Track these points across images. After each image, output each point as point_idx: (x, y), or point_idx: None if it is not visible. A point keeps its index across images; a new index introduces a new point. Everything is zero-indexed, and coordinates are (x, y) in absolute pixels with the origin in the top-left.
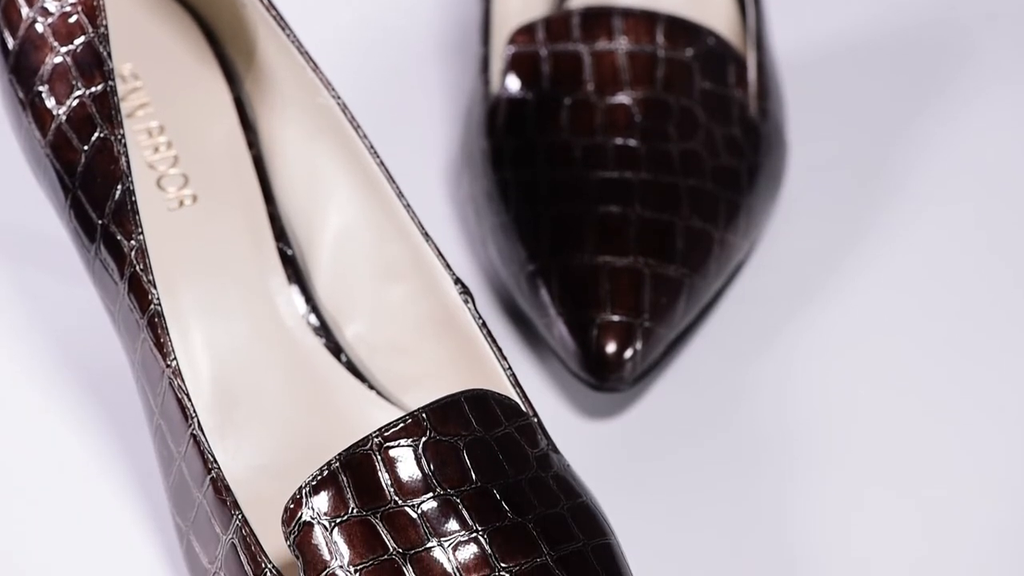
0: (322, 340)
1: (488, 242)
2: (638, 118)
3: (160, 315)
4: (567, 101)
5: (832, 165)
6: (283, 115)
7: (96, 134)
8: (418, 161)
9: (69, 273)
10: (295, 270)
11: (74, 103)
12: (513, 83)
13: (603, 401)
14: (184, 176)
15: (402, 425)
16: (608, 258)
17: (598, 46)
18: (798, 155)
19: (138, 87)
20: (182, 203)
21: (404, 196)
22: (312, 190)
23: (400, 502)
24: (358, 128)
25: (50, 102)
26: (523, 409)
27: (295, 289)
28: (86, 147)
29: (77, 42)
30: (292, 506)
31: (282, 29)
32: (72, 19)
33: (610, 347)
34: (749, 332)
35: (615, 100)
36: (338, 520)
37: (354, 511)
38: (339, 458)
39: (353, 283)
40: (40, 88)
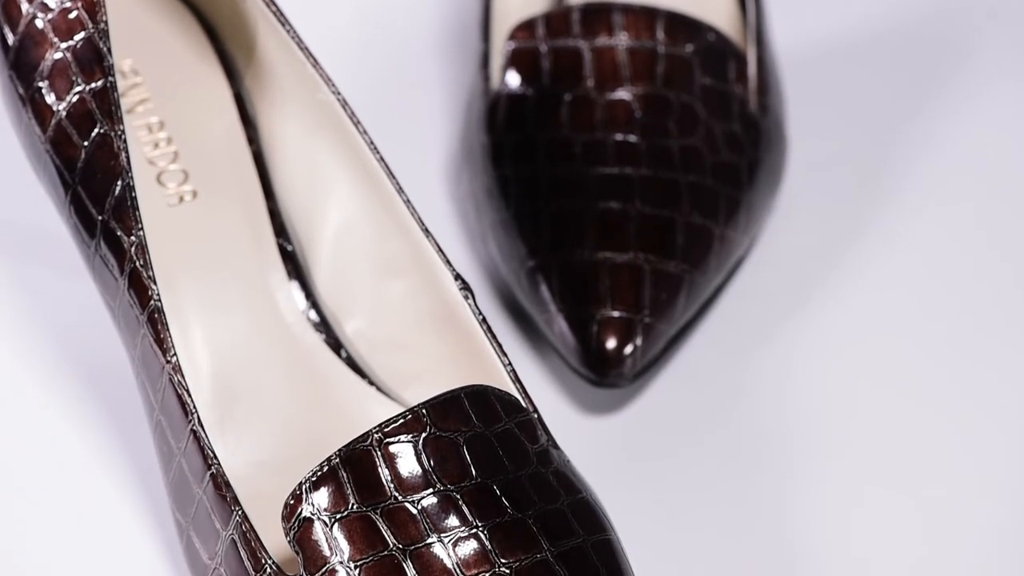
0: (322, 336)
1: (488, 238)
2: (638, 114)
3: (160, 311)
4: (567, 97)
5: (832, 162)
6: (283, 111)
7: (96, 130)
8: (418, 157)
9: (69, 269)
10: (295, 266)
11: (74, 99)
12: (513, 79)
13: (603, 397)
14: (184, 172)
15: (402, 421)
16: (608, 254)
17: (598, 42)
18: (798, 152)
19: (138, 83)
20: (182, 199)
21: (404, 192)
22: (312, 186)
23: (400, 498)
24: (358, 124)
25: (50, 98)
26: (523, 405)
27: (295, 285)
28: (86, 143)
29: (77, 38)
30: (292, 502)
31: (282, 25)
32: (72, 15)
33: (610, 343)
34: (749, 328)
35: (615, 96)
36: (338, 516)
37: (354, 507)
38: (339, 454)
39: (353, 279)
40: (40, 84)
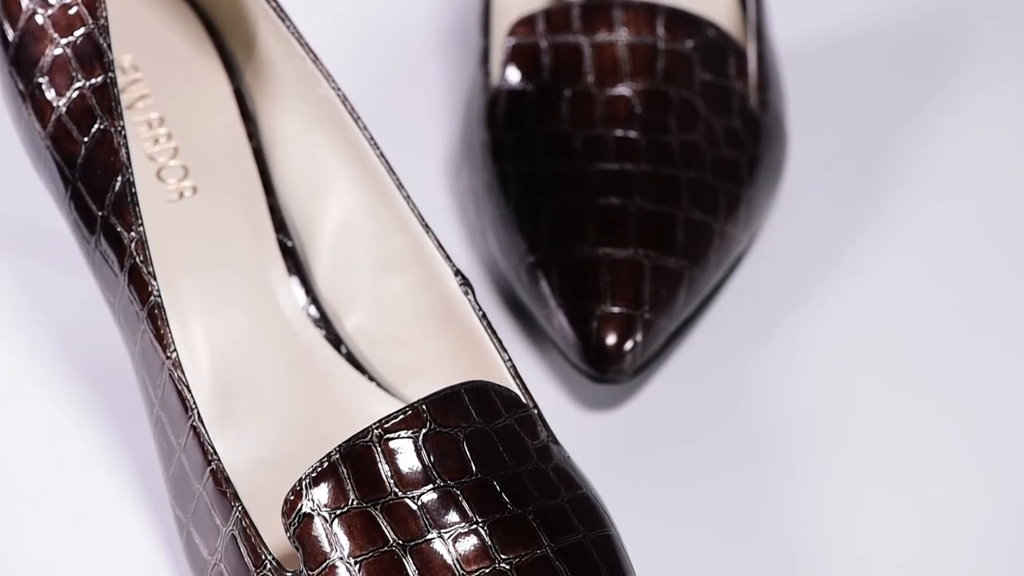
0: (322, 332)
1: (488, 234)
2: (638, 110)
3: (160, 307)
4: (567, 93)
5: (832, 159)
6: (283, 107)
7: (96, 126)
8: (418, 153)
9: (69, 265)
10: (295, 262)
11: (74, 95)
12: (513, 75)
13: (603, 393)
14: (184, 168)
15: (402, 417)
16: (608, 250)
17: (598, 38)
18: (798, 149)
19: (138, 79)
20: (182, 195)
21: (404, 188)
22: (312, 182)
23: (400, 494)
24: (358, 120)
25: (50, 94)
26: (523, 401)
27: (295, 281)
28: (86, 139)
29: (77, 33)
30: (292, 498)
31: (282, 20)
32: (72, 10)
33: (610, 339)
34: (749, 324)
35: (615, 92)
36: (338, 512)
37: (354, 503)
38: (339, 450)
39: (353, 275)
40: (40, 80)
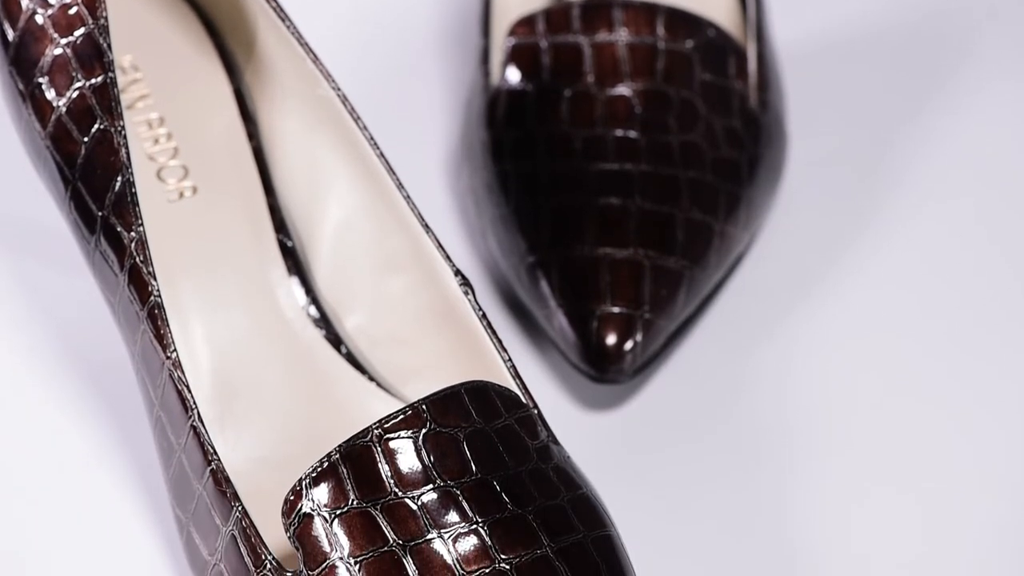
0: (322, 332)
1: (488, 234)
2: (638, 110)
3: (160, 307)
4: (567, 93)
5: (832, 158)
6: (283, 106)
7: (96, 126)
8: (418, 153)
9: (69, 265)
10: (295, 262)
11: (74, 95)
12: (513, 75)
13: (603, 393)
14: (184, 168)
15: (402, 417)
16: (608, 250)
17: (598, 38)
18: (798, 148)
19: (138, 79)
20: (182, 195)
21: (404, 188)
22: (312, 181)
23: (400, 494)
24: (358, 120)
25: (50, 94)
26: (523, 401)
27: (295, 281)
28: (86, 139)
29: (77, 33)
30: (292, 498)
31: (282, 20)
32: (72, 10)
33: (610, 339)
34: (749, 324)
35: (615, 92)
36: (338, 512)
37: (354, 503)
38: (339, 450)
39: (353, 275)
40: (40, 80)
